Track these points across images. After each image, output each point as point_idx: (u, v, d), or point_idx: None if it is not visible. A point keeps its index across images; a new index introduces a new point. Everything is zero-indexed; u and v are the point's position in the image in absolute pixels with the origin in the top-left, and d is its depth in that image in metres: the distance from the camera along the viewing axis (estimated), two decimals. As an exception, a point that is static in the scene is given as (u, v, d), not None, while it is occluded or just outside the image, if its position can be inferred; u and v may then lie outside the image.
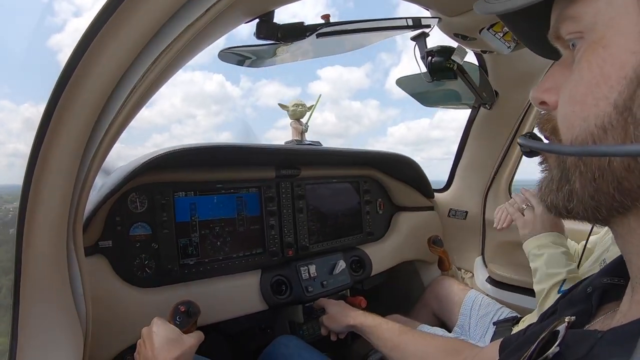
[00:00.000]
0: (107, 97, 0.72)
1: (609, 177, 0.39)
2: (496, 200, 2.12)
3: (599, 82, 0.39)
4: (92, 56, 0.65)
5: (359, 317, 1.34)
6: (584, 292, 0.58)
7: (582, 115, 0.40)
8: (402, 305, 2.21)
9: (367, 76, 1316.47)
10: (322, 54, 1.42)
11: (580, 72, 0.41)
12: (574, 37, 0.43)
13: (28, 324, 0.81)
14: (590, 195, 0.42)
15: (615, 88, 0.37)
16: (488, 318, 1.68)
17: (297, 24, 1.02)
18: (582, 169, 0.42)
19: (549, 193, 0.47)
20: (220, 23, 0.75)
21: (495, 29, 1.26)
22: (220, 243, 1.52)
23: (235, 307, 1.44)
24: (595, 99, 0.39)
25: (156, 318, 1.04)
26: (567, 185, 0.44)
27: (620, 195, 0.39)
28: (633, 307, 0.45)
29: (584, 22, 0.41)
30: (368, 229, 2.02)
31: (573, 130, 0.42)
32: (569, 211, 0.45)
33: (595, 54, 0.39)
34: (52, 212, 0.78)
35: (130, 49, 0.68)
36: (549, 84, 0.47)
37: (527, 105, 1.86)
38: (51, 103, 0.67)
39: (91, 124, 0.73)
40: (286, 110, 2.01)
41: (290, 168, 1.70)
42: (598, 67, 0.39)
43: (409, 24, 1.25)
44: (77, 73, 0.65)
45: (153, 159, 1.21)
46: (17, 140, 5.77)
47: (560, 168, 0.45)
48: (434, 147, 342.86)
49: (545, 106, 0.48)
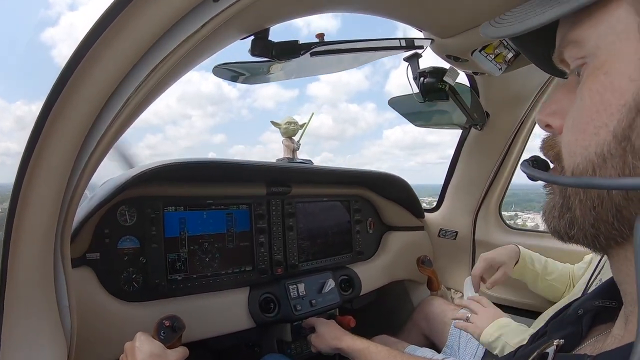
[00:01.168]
0: (100, 108, 0.72)
1: (608, 205, 0.39)
2: (486, 220, 2.13)
3: (599, 110, 0.39)
4: (86, 67, 0.65)
5: (347, 340, 1.33)
6: (575, 315, 0.57)
7: (583, 143, 0.40)
8: (391, 324, 2.20)
9: (366, 78, 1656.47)
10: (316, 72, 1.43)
11: (582, 99, 0.41)
12: (578, 64, 0.43)
13: (11, 334, 0.79)
14: (590, 223, 0.42)
15: (614, 116, 0.37)
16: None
17: (291, 42, 1.03)
18: (582, 197, 0.42)
19: (551, 219, 0.47)
20: (215, 39, 0.76)
21: (486, 50, 1.28)
22: (209, 259, 1.51)
23: (223, 324, 1.43)
24: (595, 127, 0.39)
25: (139, 333, 1.02)
26: (569, 213, 0.44)
27: (619, 224, 0.39)
28: (626, 335, 0.45)
29: (587, 47, 0.41)
30: (358, 248, 2.01)
31: (575, 158, 0.42)
32: (570, 237, 0.45)
33: (596, 81, 0.39)
34: (40, 222, 0.77)
35: (125, 61, 0.68)
36: (555, 107, 0.48)
37: (517, 126, 1.88)
38: (44, 111, 0.67)
39: (83, 134, 0.73)
40: (278, 127, 2.02)
41: (281, 185, 1.69)
42: (599, 94, 0.39)
43: (402, 45, 1.26)
44: (71, 82, 0.65)
45: (144, 172, 1.21)
46: (9, 139, 5.56)
47: (562, 195, 0.45)
48: (429, 152, 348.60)
49: (550, 129, 0.49)
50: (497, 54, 1.29)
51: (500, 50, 1.29)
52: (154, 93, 0.76)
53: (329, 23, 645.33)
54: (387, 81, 61.78)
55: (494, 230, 2.14)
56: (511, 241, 2.02)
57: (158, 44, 0.68)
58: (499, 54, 1.30)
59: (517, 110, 1.83)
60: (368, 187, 2.08)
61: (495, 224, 2.15)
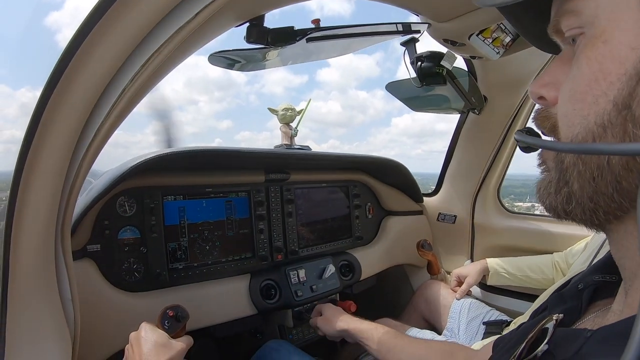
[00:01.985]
0: (96, 99, 0.72)
1: (608, 176, 0.39)
2: (485, 204, 2.14)
3: (598, 79, 0.38)
4: (81, 58, 0.64)
5: (353, 322, 1.34)
6: (575, 289, 0.58)
7: (582, 113, 0.40)
8: (391, 309, 2.22)
9: (377, 64, 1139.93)
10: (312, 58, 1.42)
11: (579, 68, 0.41)
12: (574, 33, 0.42)
13: (15, 328, 0.80)
14: (589, 196, 0.41)
15: (614, 85, 0.37)
16: (478, 320, 1.69)
17: (287, 28, 1.02)
18: (580, 168, 0.41)
19: (547, 195, 0.47)
20: (210, 27, 0.75)
21: (484, 34, 1.27)
22: (209, 247, 1.51)
23: (225, 312, 1.44)
24: (594, 96, 0.39)
25: (144, 323, 1.03)
26: (566, 187, 0.43)
27: (619, 196, 0.39)
28: (626, 309, 0.45)
29: (584, 16, 0.40)
30: (357, 234, 2.02)
31: (573, 128, 0.41)
32: (567, 213, 0.45)
33: (594, 49, 0.39)
34: (40, 215, 0.77)
35: (120, 51, 0.67)
36: (548, 78, 0.47)
37: (516, 110, 1.88)
38: (40, 104, 0.67)
39: (80, 125, 0.73)
40: (275, 114, 2.01)
41: (280, 172, 1.70)
42: (598, 62, 0.38)
43: (398, 29, 1.25)
44: (67, 74, 0.65)
45: (142, 162, 1.20)
46: (13, 126, 5.48)
47: (558, 169, 0.44)
48: (437, 140, 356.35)
49: (543, 101, 0.48)
50: (495, 37, 1.29)
51: (498, 34, 1.29)
52: (149, 83, 0.76)
53: (341, 7, 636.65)
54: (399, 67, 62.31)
55: (493, 214, 2.15)
56: (510, 225, 2.04)
57: (152, 34, 0.67)
58: (496, 38, 1.29)
59: (515, 94, 1.82)
60: (366, 172, 2.08)
61: (494, 208, 2.16)
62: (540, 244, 1.89)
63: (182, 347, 1.01)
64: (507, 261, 1.83)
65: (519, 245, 1.99)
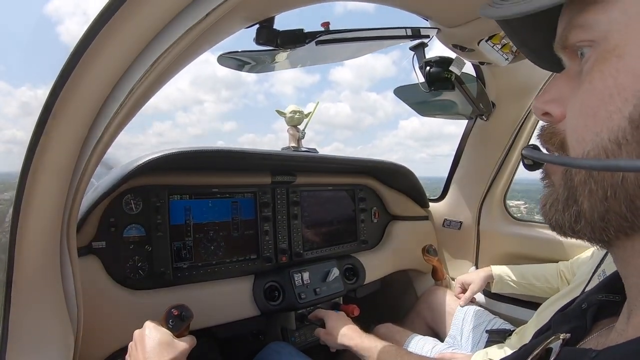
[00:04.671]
0: (104, 99, 0.72)
1: (622, 195, 0.37)
2: (491, 211, 2.13)
3: (612, 94, 0.37)
4: (90, 58, 0.65)
5: (355, 338, 1.34)
6: (579, 308, 0.57)
7: (594, 129, 0.38)
8: (394, 314, 2.21)
9: (393, 63, 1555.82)
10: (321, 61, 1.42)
11: (591, 82, 0.39)
12: (584, 46, 0.41)
13: (19, 323, 0.80)
14: (600, 216, 0.40)
15: (630, 101, 0.35)
16: (481, 328, 1.68)
17: (296, 31, 1.02)
18: (592, 187, 0.39)
19: (554, 212, 0.45)
20: (220, 27, 0.76)
21: (493, 40, 1.27)
22: (214, 247, 1.52)
23: (228, 312, 1.44)
24: (608, 111, 0.37)
25: (149, 321, 1.03)
26: (575, 206, 0.42)
27: (632, 216, 0.38)
28: (629, 329, 0.44)
29: (596, 31, 0.39)
30: (362, 237, 2.01)
31: (584, 144, 0.39)
32: (575, 232, 0.43)
33: (608, 64, 0.37)
34: (46, 212, 0.77)
35: (129, 51, 0.68)
36: (554, 94, 0.46)
37: (523, 117, 1.87)
38: (49, 103, 0.67)
39: (88, 125, 0.73)
40: (283, 116, 2.01)
41: (286, 174, 1.70)
42: (612, 77, 0.37)
43: (408, 34, 1.25)
44: (75, 74, 0.65)
45: (149, 161, 1.21)
46: (14, 126, 5.37)
47: (567, 186, 0.43)
48: (444, 144, 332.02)
49: (548, 117, 0.47)
50: (504, 44, 1.28)
51: (507, 41, 1.28)
52: (158, 83, 0.76)
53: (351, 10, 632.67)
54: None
55: (499, 220, 2.13)
56: (516, 232, 2.02)
57: (162, 34, 0.68)
58: (505, 44, 1.29)
59: (524, 101, 1.82)
60: (373, 176, 2.08)
61: (500, 215, 2.14)
62: (546, 252, 1.87)
63: (186, 346, 1.01)
64: (512, 269, 1.81)
65: (525, 252, 1.97)
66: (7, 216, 0.78)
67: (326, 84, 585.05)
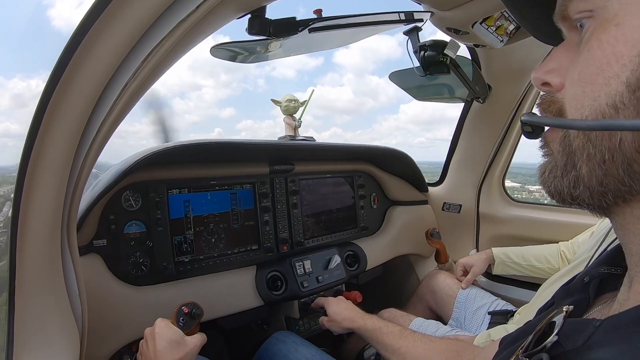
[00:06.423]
0: (98, 96, 0.71)
1: (619, 158, 0.38)
2: (490, 193, 2.13)
3: (610, 61, 0.38)
4: (82, 55, 0.64)
5: (358, 321, 1.34)
6: (581, 282, 0.57)
7: (592, 95, 0.39)
8: (397, 299, 2.23)
9: (399, 45, 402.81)
10: (315, 48, 1.41)
11: (590, 51, 0.40)
12: (583, 17, 0.42)
13: (23, 325, 0.80)
14: (598, 180, 0.40)
15: (627, 66, 0.37)
16: (483, 310, 1.69)
17: (289, 19, 1.01)
18: (590, 151, 0.40)
19: (552, 179, 0.46)
20: (211, 19, 0.75)
21: (487, 22, 1.26)
22: (215, 240, 1.52)
23: (231, 304, 1.44)
24: (606, 77, 0.38)
25: (159, 319, 1.03)
26: (573, 171, 0.43)
27: (629, 180, 0.38)
28: (631, 297, 0.44)
29: (595, 0, 0.40)
30: (362, 224, 2.02)
31: (582, 110, 0.40)
32: (574, 198, 0.44)
33: (606, 33, 0.38)
34: (45, 212, 0.77)
35: (121, 47, 0.67)
36: (553, 64, 0.46)
37: (520, 98, 1.86)
38: (42, 102, 0.66)
39: (83, 122, 0.73)
40: (278, 105, 2.00)
41: (284, 164, 1.70)
42: (610, 45, 0.38)
43: (401, 18, 1.24)
44: (68, 72, 0.65)
45: (146, 156, 1.20)
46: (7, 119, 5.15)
47: (566, 152, 0.43)
48: (444, 127, 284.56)
49: (547, 87, 0.47)
50: (498, 26, 1.28)
51: (502, 22, 1.28)
52: (152, 77, 0.75)
53: None
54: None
55: (498, 203, 2.14)
56: (515, 214, 2.03)
57: (153, 28, 0.67)
58: (500, 26, 1.28)
59: (520, 83, 1.81)
60: (371, 163, 2.08)
61: (499, 197, 2.15)
62: (545, 233, 1.88)
63: (196, 344, 1.01)
64: (513, 250, 1.82)
65: (525, 234, 1.99)
66: (1, 214, 0.77)
67: (329, 67, 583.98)
